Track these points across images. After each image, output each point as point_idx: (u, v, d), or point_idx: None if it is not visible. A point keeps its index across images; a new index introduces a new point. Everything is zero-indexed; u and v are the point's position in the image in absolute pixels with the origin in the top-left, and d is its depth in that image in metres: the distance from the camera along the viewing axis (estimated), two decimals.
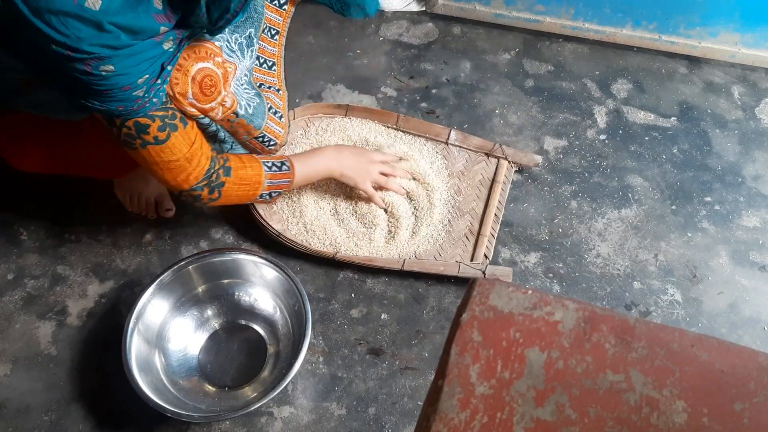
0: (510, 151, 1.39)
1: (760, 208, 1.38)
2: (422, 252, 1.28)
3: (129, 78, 0.87)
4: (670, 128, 1.50)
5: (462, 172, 1.39)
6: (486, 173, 1.38)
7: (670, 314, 1.24)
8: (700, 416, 0.50)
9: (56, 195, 1.37)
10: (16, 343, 1.20)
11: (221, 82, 1.02)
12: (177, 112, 0.97)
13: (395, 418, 1.12)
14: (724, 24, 1.52)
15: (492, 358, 0.53)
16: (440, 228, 1.31)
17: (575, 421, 0.50)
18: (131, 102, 0.90)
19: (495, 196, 1.34)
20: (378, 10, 1.71)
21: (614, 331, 0.54)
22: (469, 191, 1.36)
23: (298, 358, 1.06)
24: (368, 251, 1.28)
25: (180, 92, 0.97)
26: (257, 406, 1.04)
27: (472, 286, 0.58)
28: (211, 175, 1.04)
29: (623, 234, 1.34)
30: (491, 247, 1.29)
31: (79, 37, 0.80)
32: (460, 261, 1.26)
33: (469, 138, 1.42)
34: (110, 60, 0.83)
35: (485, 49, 1.64)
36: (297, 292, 1.14)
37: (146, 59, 0.87)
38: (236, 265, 1.20)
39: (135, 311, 1.11)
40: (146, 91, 0.91)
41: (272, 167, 1.14)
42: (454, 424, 0.50)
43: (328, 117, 1.46)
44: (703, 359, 0.53)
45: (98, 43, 0.81)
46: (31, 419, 1.12)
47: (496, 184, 1.36)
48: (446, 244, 1.29)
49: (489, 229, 1.30)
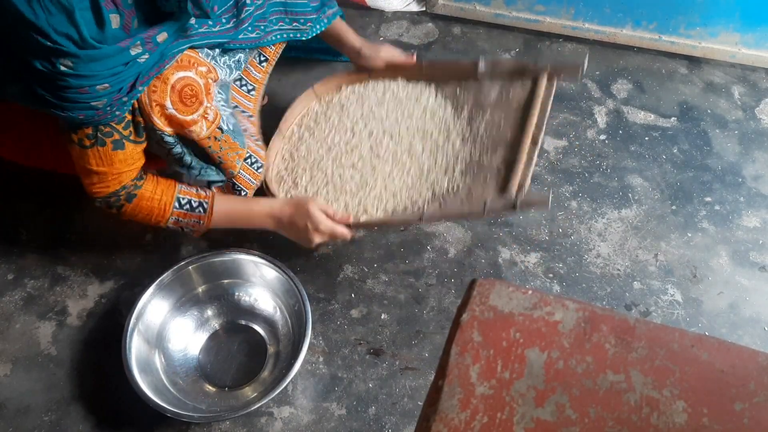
0: (548, 62, 1.22)
1: (760, 208, 1.38)
2: (443, 193, 1.16)
3: (87, 80, 0.87)
4: (670, 128, 1.50)
5: (496, 102, 1.23)
6: (522, 97, 1.21)
7: (670, 314, 1.24)
8: (700, 416, 0.50)
9: (56, 195, 1.37)
10: (16, 343, 1.20)
11: (203, 93, 1.01)
12: (116, 132, 0.97)
13: (395, 419, 1.12)
14: (724, 24, 1.52)
15: (492, 358, 0.53)
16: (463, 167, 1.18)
17: (575, 421, 0.50)
18: (91, 112, 0.91)
19: (532, 118, 1.16)
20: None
21: (614, 331, 0.55)
22: (504, 123, 1.20)
23: (298, 358, 1.06)
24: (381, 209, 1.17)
25: (157, 101, 0.97)
26: (257, 406, 1.04)
27: (472, 286, 0.58)
28: (111, 197, 1.03)
29: (623, 234, 1.34)
30: (528, 173, 1.10)
31: (50, 22, 0.81)
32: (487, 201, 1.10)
33: (501, 62, 1.29)
34: (72, 57, 0.84)
35: (485, 49, 1.64)
36: (297, 292, 1.14)
37: (109, 67, 0.88)
38: (236, 265, 1.20)
39: (135, 311, 1.11)
40: (107, 104, 0.91)
41: (185, 205, 1.09)
42: (454, 424, 0.50)
43: (351, 85, 1.38)
44: (703, 359, 0.53)
45: (65, 33, 0.82)
46: (31, 419, 1.12)
47: (535, 100, 1.18)
48: (475, 183, 1.15)
49: (524, 155, 1.12)
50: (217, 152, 1.08)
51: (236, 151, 1.11)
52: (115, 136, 0.97)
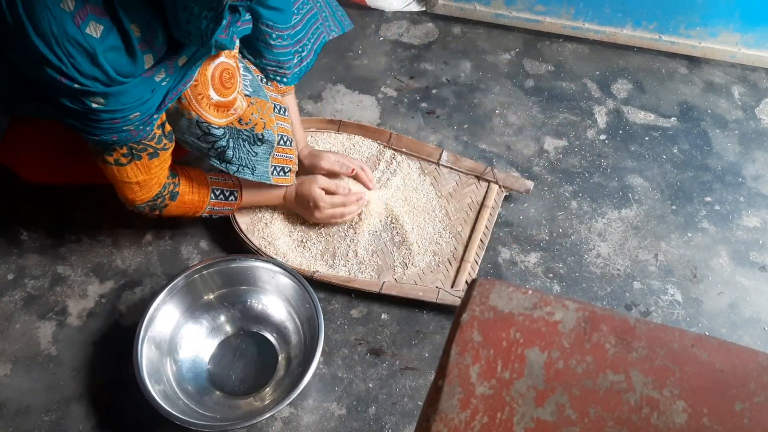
0: (501, 176, 1.35)
1: (760, 208, 1.38)
2: (402, 274, 1.26)
3: (120, 113, 0.88)
4: (670, 128, 1.50)
5: (451, 194, 1.36)
6: (475, 197, 1.35)
7: (670, 314, 1.24)
8: (700, 416, 0.50)
9: (56, 195, 1.37)
10: (16, 343, 1.20)
11: (237, 71, 1.05)
12: (149, 147, 0.99)
13: (395, 419, 1.12)
14: (724, 24, 1.52)
15: (492, 358, 0.53)
16: (423, 251, 1.28)
17: (575, 421, 0.50)
18: (126, 133, 0.92)
19: (482, 221, 1.30)
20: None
21: (614, 331, 0.54)
22: (456, 214, 1.33)
23: (310, 368, 1.05)
24: (347, 271, 1.26)
25: (201, 93, 0.98)
26: (267, 416, 1.03)
27: (472, 286, 0.58)
28: (157, 199, 1.09)
29: (623, 234, 1.34)
30: (473, 273, 1.25)
31: (74, 66, 0.80)
32: (441, 287, 1.23)
33: (461, 160, 1.39)
34: (101, 95, 0.85)
35: (485, 49, 1.64)
36: (310, 299, 1.13)
37: (138, 96, 0.88)
38: (250, 272, 1.19)
39: (146, 317, 1.09)
40: (139, 125, 0.92)
41: (219, 195, 1.19)
42: (454, 424, 0.50)
43: (320, 131, 1.44)
44: (703, 359, 0.53)
45: (91, 76, 0.82)
46: (31, 419, 1.12)
47: (485, 208, 1.32)
48: (429, 268, 1.26)
49: (473, 255, 1.26)
50: (257, 116, 1.11)
51: (268, 112, 1.14)
52: (149, 149, 0.99)
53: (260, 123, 1.12)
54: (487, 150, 1.45)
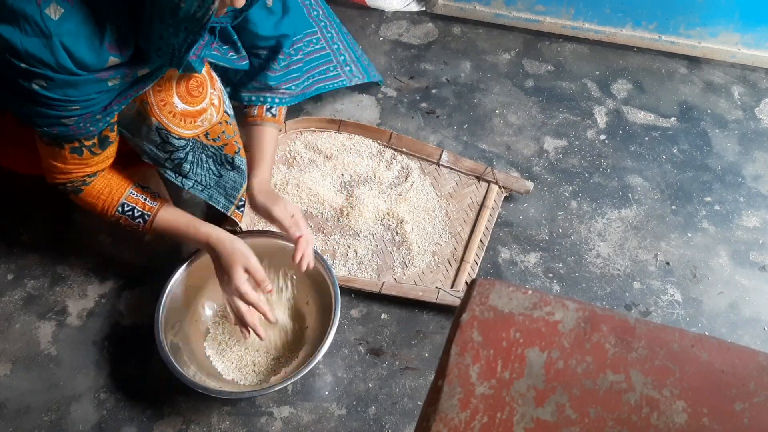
0: (501, 176, 1.36)
1: (760, 208, 1.38)
2: (402, 274, 1.26)
3: (59, 102, 0.87)
4: (670, 128, 1.50)
5: (451, 194, 1.36)
6: (475, 197, 1.35)
7: (670, 314, 1.24)
8: (700, 416, 0.50)
9: (56, 195, 1.36)
10: (16, 343, 1.20)
11: (207, 81, 1.03)
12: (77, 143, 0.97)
13: (395, 418, 1.12)
14: (724, 24, 1.53)
15: (492, 358, 0.53)
16: (423, 251, 1.29)
17: (575, 421, 0.50)
18: (64, 128, 0.92)
19: (482, 221, 1.30)
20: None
21: (614, 331, 0.55)
22: (456, 215, 1.33)
23: (327, 339, 1.07)
24: (347, 270, 1.26)
25: (163, 99, 0.97)
26: (283, 385, 1.05)
27: (472, 287, 0.58)
28: (59, 186, 1.06)
29: (623, 234, 1.34)
30: (473, 274, 1.25)
31: (23, 42, 0.80)
32: (440, 287, 1.23)
33: (461, 160, 1.39)
34: (43, 78, 0.83)
35: (485, 49, 1.64)
36: (328, 278, 1.15)
37: (84, 94, 0.87)
38: (275, 250, 1.17)
39: (166, 291, 1.12)
40: (78, 121, 0.91)
41: (127, 212, 1.09)
42: (454, 424, 0.50)
43: (320, 131, 1.45)
44: (703, 359, 0.53)
45: (39, 58, 0.81)
46: (31, 419, 1.12)
47: (485, 209, 1.32)
48: (428, 268, 1.27)
49: (473, 256, 1.27)
50: (231, 136, 1.10)
51: (237, 140, 1.12)
52: (75, 144, 0.97)
53: (232, 145, 1.10)
54: (487, 150, 1.45)
